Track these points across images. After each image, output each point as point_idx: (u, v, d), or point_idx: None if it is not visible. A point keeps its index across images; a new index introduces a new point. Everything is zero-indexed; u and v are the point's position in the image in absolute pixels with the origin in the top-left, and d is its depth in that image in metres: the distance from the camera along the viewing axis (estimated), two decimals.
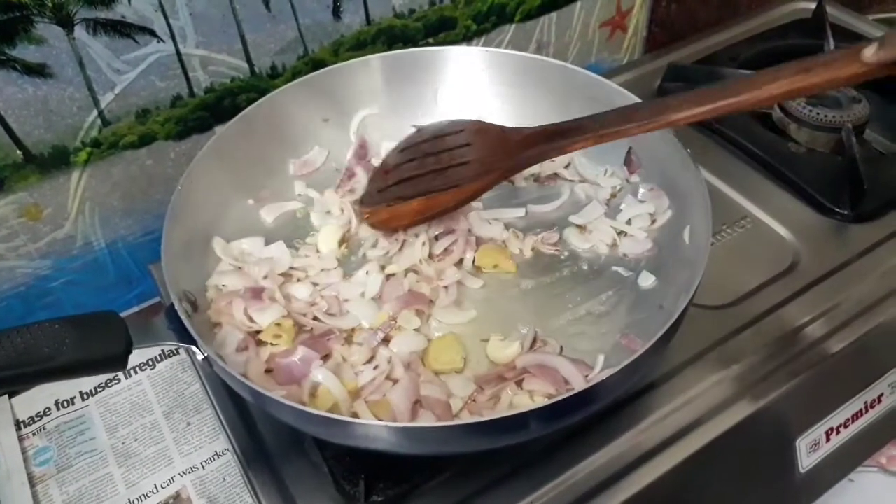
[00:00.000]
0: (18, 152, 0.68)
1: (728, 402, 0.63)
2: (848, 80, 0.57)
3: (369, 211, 0.69)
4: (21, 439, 0.66)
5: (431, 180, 0.66)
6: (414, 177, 0.67)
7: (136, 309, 0.83)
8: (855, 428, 0.69)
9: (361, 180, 0.75)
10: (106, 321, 0.50)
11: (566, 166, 0.76)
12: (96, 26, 0.66)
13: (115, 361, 0.50)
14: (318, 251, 0.69)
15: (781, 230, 0.76)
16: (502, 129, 0.68)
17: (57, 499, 0.62)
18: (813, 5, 1.01)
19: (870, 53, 0.54)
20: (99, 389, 0.70)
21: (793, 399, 0.64)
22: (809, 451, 0.66)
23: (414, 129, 0.73)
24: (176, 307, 0.53)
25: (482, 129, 0.69)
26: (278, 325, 0.61)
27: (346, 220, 0.72)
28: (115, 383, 0.71)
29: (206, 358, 0.52)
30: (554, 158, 0.71)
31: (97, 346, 0.49)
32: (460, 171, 0.66)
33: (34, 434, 0.67)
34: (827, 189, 0.78)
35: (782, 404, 0.63)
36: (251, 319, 0.61)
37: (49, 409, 0.69)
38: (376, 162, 0.75)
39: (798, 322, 0.68)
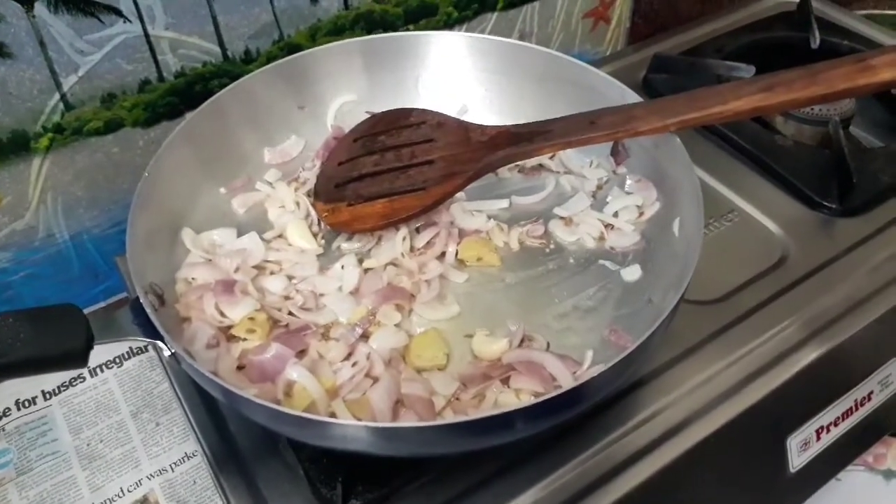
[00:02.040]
0: None
1: (718, 400, 0.62)
2: (810, 101, 0.59)
3: (328, 209, 0.67)
4: None
5: (394, 179, 0.65)
6: (374, 173, 0.66)
7: (102, 304, 0.81)
8: (846, 426, 0.68)
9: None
10: (65, 314, 0.48)
11: (551, 157, 0.74)
12: (58, 3, 0.63)
13: (74, 358, 0.47)
14: (289, 245, 0.66)
15: (769, 224, 0.75)
16: (465, 125, 0.68)
17: (17, 503, 0.59)
18: None
19: None
20: (62, 388, 0.67)
21: (783, 397, 0.63)
22: (800, 449, 0.65)
23: (367, 115, 0.71)
24: (141, 300, 0.51)
25: (443, 123, 0.68)
26: (251, 319, 0.59)
27: (304, 213, 0.69)
28: (80, 382, 0.68)
29: (173, 354, 0.49)
30: None
31: (55, 341, 0.46)
32: (425, 172, 0.65)
33: None
34: (815, 182, 0.77)
35: (773, 402, 0.62)
36: (222, 314, 0.59)
37: (9, 409, 0.66)
38: None
39: (788, 318, 0.67)
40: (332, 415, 0.52)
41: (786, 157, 0.80)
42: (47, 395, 0.67)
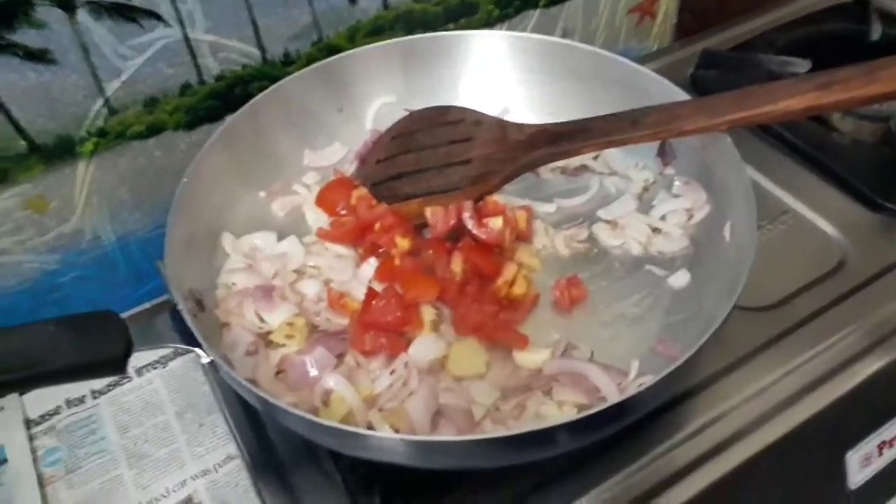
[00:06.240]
0: (22, 142, 0.66)
1: (771, 413, 0.59)
2: (869, 100, 0.56)
3: None
4: (31, 438, 0.65)
5: (430, 179, 0.65)
6: (411, 172, 0.65)
7: (147, 305, 0.81)
8: None
9: None
10: (105, 322, 0.47)
11: (595, 157, 0.72)
12: (100, 9, 0.64)
13: (113, 365, 0.47)
14: (326, 248, 0.66)
15: (826, 226, 0.72)
16: (503, 123, 0.67)
17: (66, 501, 0.60)
18: None
19: None
20: (110, 388, 0.68)
21: (842, 409, 0.60)
22: (860, 465, 0.62)
23: (406, 113, 0.71)
24: (179, 307, 0.50)
25: (481, 122, 0.67)
26: (290, 324, 0.59)
27: None
28: (127, 381, 0.69)
29: (211, 362, 0.49)
30: None
31: (94, 348, 0.46)
32: (460, 171, 0.64)
33: (44, 433, 0.65)
34: (875, 182, 0.74)
35: (831, 415, 0.60)
36: (261, 319, 0.59)
37: (60, 407, 0.67)
38: None
39: (847, 325, 0.64)
40: (370, 425, 0.52)
41: (844, 155, 0.77)
42: (96, 395, 0.68)
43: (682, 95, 0.65)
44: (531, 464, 0.55)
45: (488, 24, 0.85)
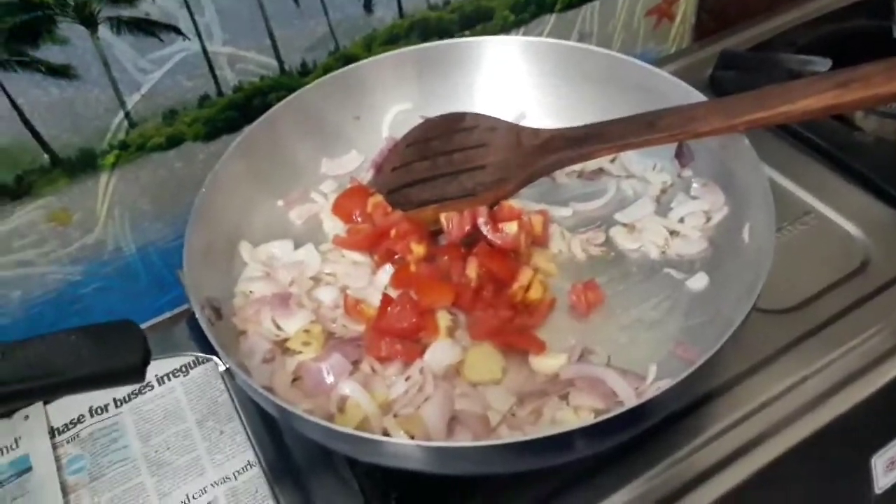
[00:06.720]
0: (45, 156, 0.67)
1: (794, 416, 0.59)
2: (891, 98, 0.55)
3: None
4: (55, 447, 0.66)
5: (445, 185, 0.65)
6: (426, 179, 0.65)
7: (168, 314, 0.81)
8: None
9: None
10: (123, 331, 0.48)
11: (612, 161, 0.72)
12: (120, 25, 0.65)
13: (132, 374, 0.48)
14: (342, 255, 0.66)
15: (849, 226, 0.71)
16: (517, 128, 0.67)
17: None
18: None
19: None
20: (132, 396, 0.69)
21: (866, 412, 0.59)
22: (886, 469, 0.61)
23: (421, 120, 0.71)
24: (197, 315, 0.51)
25: (496, 128, 0.67)
26: (307, 331, 0.59)
27: None
28: (149, 390, 0.70)
29: (228, 369, 0.49)
30: None
31: (113, 357, 0.47)
32: (476, 177, 0.64)
33: (68, 442, 0.66)
34: None
35: (855, 418, 0.59)
36: (278, 327, 0.59)
37: (83, 415, 0.68)
38: None
39: (871, 327, 0.63)
40: (386, 431, 0.52)
41: (866, 154, 0.76)
42: (118, 403, 0.69)
43: (698, 97, 0.64)
44: (549, 469, 0.54)
45: (504, 29, 0.85)
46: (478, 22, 0.83)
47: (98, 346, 0.46)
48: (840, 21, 0.93)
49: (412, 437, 0.51)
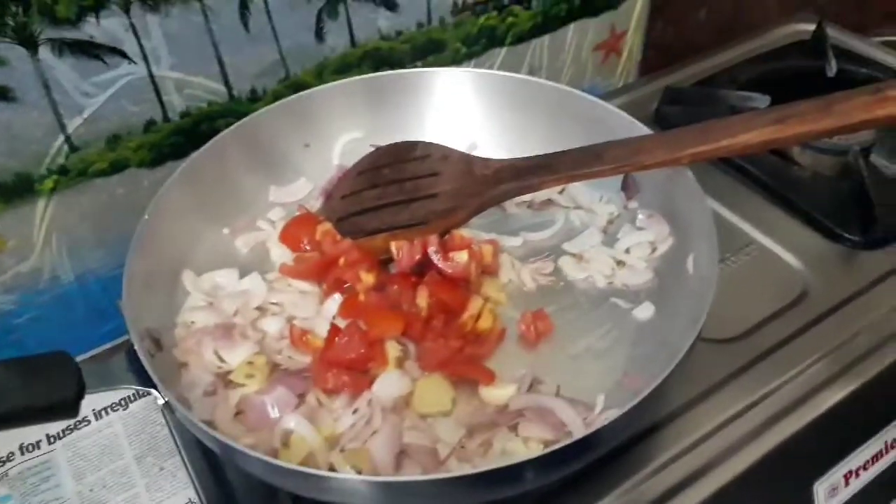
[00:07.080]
0: None
1: (739, 444, 0.59)
2: (825, 133, 0.57)
3: None
4: None
5: (396, 213, 0.65)
6: (377, 207, 0.65)
7: (107, 346, 0.79)
8: (876, 470, 0.65)
9: None
10: (56, 363, 0.46)
11: (560, 192, 0.73)
12: (62, 47, 0.63)
13: (65, 408, 0.46)
14: (289, 285, 0.65)
15: (789, 258, 0.73)
16: (469, 158, 0.67)
17: None
18: (812, 27, 0.99)
19: None
20: (67, 432, 0.66)
21: (808, 439, 0.60)
22: (828, 495, 0.62)
23: (372, 149, 0.71)
24: (136, 347, 0.49)
25: (448, 157, 0.68)
26: (250, 363, 0.58)
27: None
28: (85, 425, 0.67)
29: (167, 403, 0.48)
30: None
31: (45, 391, 0.45)
32: (427, 205, 0.64)
33: None
34: (835, 214, 0.75)
35: (797, 445, 0.60)
36: (221, 359, 0.57)
37: (13, 453, 0.65)
38: None
39: (811, 356, 0.65)
40: (332, 466, 0.50)
41: (804, 188, 0.78)
42: (52, 439, 0.65)
43: (644, 130, 0.66)
44: (498, 502, 0.53)
45: (455, 61, 0.86)
46: (430, 53, 0.84)
47: (29, 378, 0.44)
48: (779, 60, 0.97)
49: (359, 472, 0.50)
